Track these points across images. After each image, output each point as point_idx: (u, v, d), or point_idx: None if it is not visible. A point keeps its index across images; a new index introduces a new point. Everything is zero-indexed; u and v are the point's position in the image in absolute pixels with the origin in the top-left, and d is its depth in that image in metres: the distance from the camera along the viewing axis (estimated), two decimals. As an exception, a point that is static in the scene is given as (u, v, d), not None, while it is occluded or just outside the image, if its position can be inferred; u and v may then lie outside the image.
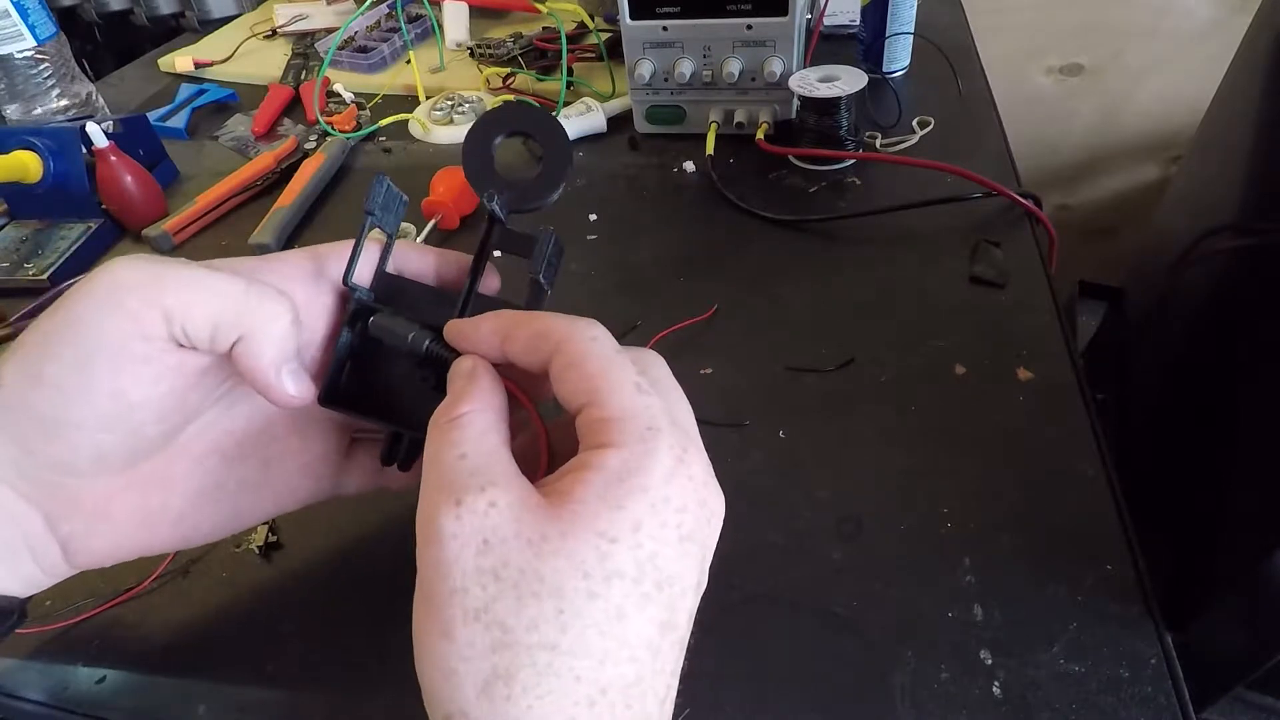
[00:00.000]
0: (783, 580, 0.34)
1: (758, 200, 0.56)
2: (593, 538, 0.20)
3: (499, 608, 0.20)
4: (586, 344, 0.23)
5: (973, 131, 0.63)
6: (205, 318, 0.25)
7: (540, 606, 0.20)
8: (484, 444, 0.23)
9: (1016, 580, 0.33)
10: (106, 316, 0.24)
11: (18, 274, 0.57)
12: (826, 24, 0.76)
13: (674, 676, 0.22)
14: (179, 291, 0.25)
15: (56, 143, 0.60)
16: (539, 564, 0.20)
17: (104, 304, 0.25)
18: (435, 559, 0.21)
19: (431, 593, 0.21)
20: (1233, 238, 0.69)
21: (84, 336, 0.24)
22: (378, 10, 0.89)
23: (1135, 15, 1.15)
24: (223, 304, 0.25)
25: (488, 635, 0.20)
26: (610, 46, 0.73)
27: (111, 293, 0.25)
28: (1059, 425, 0.39)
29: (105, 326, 0.24)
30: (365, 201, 0.29)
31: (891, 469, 0.38)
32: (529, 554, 0.20)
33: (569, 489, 0.21)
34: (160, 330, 0.25)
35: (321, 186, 0.64)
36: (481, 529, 0.21)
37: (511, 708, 0.19)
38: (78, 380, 0.24)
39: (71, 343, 0.24)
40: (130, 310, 0.24)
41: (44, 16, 0.72)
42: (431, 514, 0.21)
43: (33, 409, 0.24)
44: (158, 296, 0.25)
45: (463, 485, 0.21)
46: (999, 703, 0.29)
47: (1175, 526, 0.63)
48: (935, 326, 0.45)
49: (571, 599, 0.20)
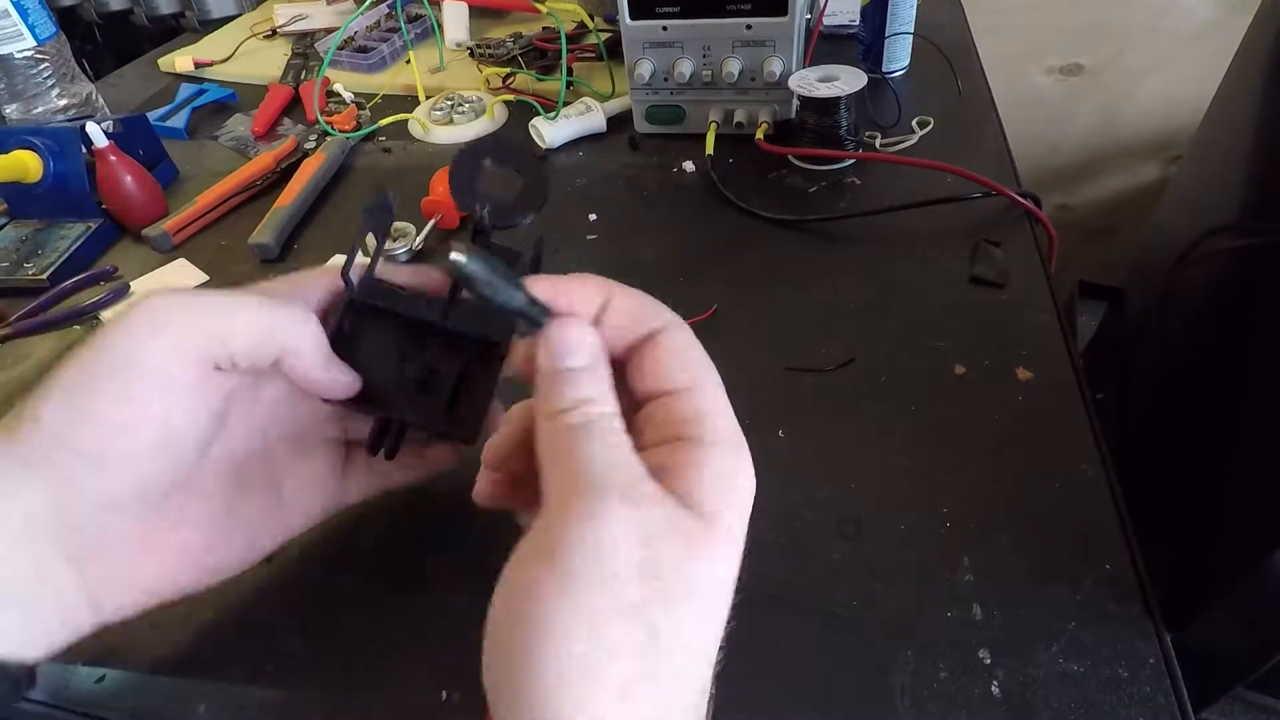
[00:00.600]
0: (783, 580, 0.34)
1: (758, 200, 0.56)
2: (726, 538, 0.21)
3: (652, 608, 0.19)
4: (691, 336, 0.24)
5: (972, 131, 0.63)
6: (248, 339, 0.26)
7: (687, 611, 0.20)
8: (626, 442, 0.22)
9: (1016, 580, 0.33)
10: (151, 346, 0.25)
11: (17, 274, 0.57)
12: (826, 24, 0.77)
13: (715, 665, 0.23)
14: (219, 317, 0.26)
15: (56, 143, 0.60)
16: (690, 564, 0.20)
17: (148, 335, 0.25)
18: (595, 543, 0.19)
19: (581, 579, 0.19)
20: (1233, 238, 0.69)
21: (129, 368, 0.25)
22: (378, 10, 0.89)
23: (1135, 15, 1.15)
24: (261, 324, 0.27)
25: (636, 634, 0.19)
26: (610, 46, 0.73)
27: (154, 323, 0.25)
28: (1059, 425, 0.39)
29: (150, 356, 0.25)
30: (367, 203, 0.31)
31: (891, 469, 0.38)
32: (682, 551, 0.20)
33: (691, 484, 0.21)
34: (205, 354, 0.26)
35: (321, 186, 0.64)
36: (645, 520, 0.20)
37: (646, 708, 0.19)
38: (124, 411, 0.25)
39: (117, 375, 0.25)
40: (175, 338, 0.25)
41: (44, 16, 0.72)
42: (591, 499, 0.20)
43: (78, 444, 0.24)
44: (201, 323, 0.26)
45: (624, 477, 0.21)
46: (998, 702, 0.29)
47: (1175, 526, 0.63)
48: (935, 326, 0.45)
49: (709, 605, 0.21)
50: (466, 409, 0.32)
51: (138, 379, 0.25)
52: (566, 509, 0.20)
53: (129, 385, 0.25)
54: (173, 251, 0.60)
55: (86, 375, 0.25)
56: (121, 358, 0.25)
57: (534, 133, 0.67)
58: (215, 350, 0.26)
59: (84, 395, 0.25)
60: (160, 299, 0.26)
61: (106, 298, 0.54)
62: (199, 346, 0.26)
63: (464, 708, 0.30)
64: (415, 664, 0.32)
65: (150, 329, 0.25)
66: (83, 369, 0.25)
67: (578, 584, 0.19)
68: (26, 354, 0.52)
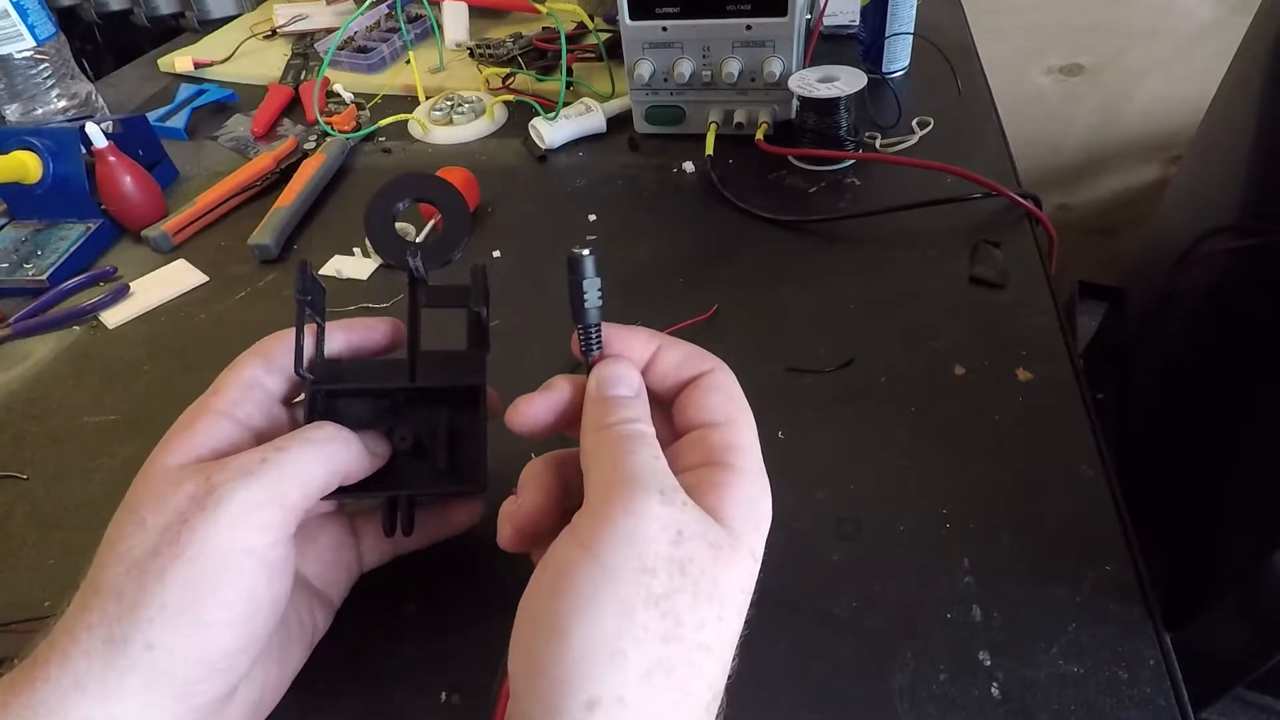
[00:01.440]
0: (782, 580, 0.34)
1: (758, 200, 0.56)
2: (747, 556, 0.23)
3: (678, 600, 0.21)
4: (732, 379, 0.27)
5: (972, 131, 0.63)
6: (320, 490, 0.27)
7: (710, 610, 0.21)
8: (664, 458, 0.24)
9: (1016, 581, 0.33)
10: (242, 544, 0.24)
11: (17, 274, 0.57)
12: (826, 24, 0.77)
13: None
14: (289, 487, 0.25)
15: (56, 143, 0.60)
16: (716, 569, 0.22)
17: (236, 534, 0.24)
18: (632, 534, 0.21)
19: (617, 566, 0.21)
20: (1233, 238, 0.69)
21: (229, 577, 0.24)
22: (377, 10, 0.89)
23: (1135, 15, 1.15)
24: (323, 471, 0.27)
25: (662, 624, 0.20)
26: (610, 47, 0.73)
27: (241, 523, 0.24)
28: (1059, 425, 0.39)
29: (245, 555, 0.24)
30: (296, 289, 0.29)
31: (891, 469, 0.38)
32: (710, 556, 0.22)
33: (723, 501, 0.23)
34: (293, 529, 0.26)
35: (321, 187, 0.64)
36: (679, 521, 0.22)
37: (665, 699, 0.20)
38: (235, 615, 0.24)
39: (224, 583, 0.24)
40: (267, 528, 0.25)
41: (44, 16, 0.72)
42: (631, 494, 0.22)
43: (195, 656, 0.24)
44: (284, 502, 0.25)
45: (661, 481, 0.23)
46: (998, 704, 0.29)
47: (1175, 526, 0.63)
48: (935, 326, 0.45)
49: (729, 610, 0.22)
50: (467, 460, 0.31)
51: (242, 587, 0.24)
52: (608, 502, 0.22)
53: (233, 596, 0.24)
54: (172, 252, 0.60)
55: (189, 591, 0.23)
56: (221, 565, 0.24)
57: (534, 133, 0.67)
58: (297, 522, 0.26)
59: (197, 608, 0.24)
60: (234, 497, 0.24)
61: (106, 298, 0.54)
62: (283, 525, 0.25)
63: (464, 709, 0.30)
64: (416, 666, 0.32)
65: (242, 527, 0.24)
66: (186, 584, 0.23)
67: (613, 570, 0.21)
68: (26, 354, 0.52)
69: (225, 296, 0.55)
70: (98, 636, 0.23)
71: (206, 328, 0.53)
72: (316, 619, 0.31)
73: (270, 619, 0.25)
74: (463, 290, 0.32)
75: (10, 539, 0.40)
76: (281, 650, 0.29)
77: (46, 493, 0.42)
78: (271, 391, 0.29)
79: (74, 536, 0.39)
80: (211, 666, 0.24)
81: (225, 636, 0.24)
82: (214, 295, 0.56)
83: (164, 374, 0.49)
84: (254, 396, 0.29)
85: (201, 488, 0.25)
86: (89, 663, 0.23)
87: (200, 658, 0.24)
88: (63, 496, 0.42)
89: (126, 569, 0.24)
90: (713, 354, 0.28)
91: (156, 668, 0.23)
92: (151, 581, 0.23)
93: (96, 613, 0.23)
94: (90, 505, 0.41)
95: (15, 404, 0.48)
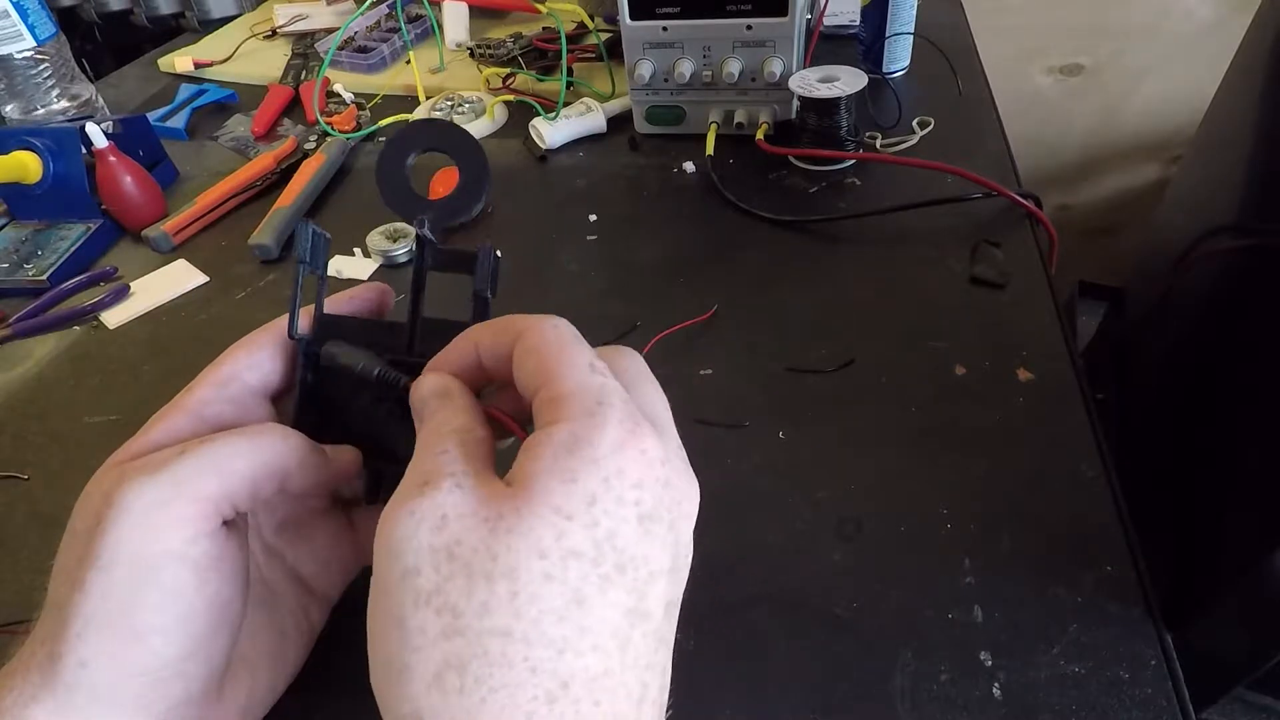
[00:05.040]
0: (783, 580, 0.34)
1: (758, 200, 0.56)
2: (549, 514, 0.19)
3: (451, 589, 0.19)
4: (547, 330, 0.23)
5: (973, 132, 0.63)
6: (245, 489, 0.24)
7: (493, 589, 0.19)
8: (459, 440, 0.22)
9: (1016, 581, 0.33)
10: (163, 543, 0.23)
11: (17, 274, 0.57)
12: (826, 24, 0.76)
13: (651, 672, 0.20)
14: (201, 481, 0.24)
15: (56, 143, 0.60)
16: (493, 542, 0.19)
17: (147, 535, 0.22)
18: (389, 540, 0.20)
19: (385, 581, 0.20)
20: (1233, 238, 0.69)
21: (149, 576, 0.22)
22: (378, 10, 0.89)
23: (1135, 15, 1.15)
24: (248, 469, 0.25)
25: (439, 620, 0.19)
26: (610, 47, 0.73)
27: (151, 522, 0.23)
28: (1059, 425, 0.39)
29: (161, 557, 0.22)
30: (295, 250, 0.28)
31: (891, 469, 0.38)
32: (484, 531, 0.19)
33: (520, 466, 0.21)
34: (215, 523, 0.24)
35: (321, 187, 0.64)
36: (442, 505, 0.20)
37: (464, 700, 0.18)
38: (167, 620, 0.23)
39: (142, 592, 0.22)
40: (178, 524, 0.23)
41: (44, 17, 0.72)
42: (391, 504, 0.21)
43: (133, 669, 0.22)
44: (194, 495, 0.23)
45: (431, 472, 0.21)
46: (999, 704, 0.29)
47: (1175, 526, 0.63)
48: (935, 326, 0.45)
49: (526, 581, 0.19)
50: None
51: (166, 589, 0.23)
52: (380, 524, 0.21)
53: (160, 600, 0.22)
54: (173, 252, 0.60)
55: (111, 600, 0.22)
56: (138, 569, 0.22)
57: (534, 133, 0.67)
58: (219, 516, 0.24)
59: (115, 624, 0.22)
60: (133, 490, 0.23)
61: (106, 299, 0.54)
62: (204, 518, 0.23)
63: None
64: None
65: (150, 527, 0.23)
66: (106, 593, 0.22)
67: (383, 585, 0.20)
68: (26, 354, 0.52)
69: (225, 296, 0.55)
70: (43, 651, 0.22)
71: (207, 328, 0.53)
72: (313, 618, 0.30)
73: (217, 620, 0.24)
74: (470, 258, 0.30)
75: (10, 539, 0.40)
76: (272, 652, 0.28)
77: (46, 493, 0.42)
78: (252, 386, 0.28)
79: (74, 537, 0.39)
80: (155, 676, 0.23)
81: (161, 644, 0.22)
82: (214, 295, 0.56)
83: (164, 374, 0.49)
84: (229, 393, 0.27)
85: (114, 487, 0.23)
86: (40, 677, 0.22)
87: (140, 669, 0.22)
88: (63, 496, 0.42)
89: (61, 580, 0.23)
90: (521, 316, 0.24)
91: (96, 684, 0.22)
92: (75, 592, 0.22)
93: (42, 626, 0.23)
94: (90, 505, 0.41)
95: (15, 404, 0.48)
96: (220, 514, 0.24)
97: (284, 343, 0.29)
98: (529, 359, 0.23)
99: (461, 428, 0.23)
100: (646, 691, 0.20)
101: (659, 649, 0.21)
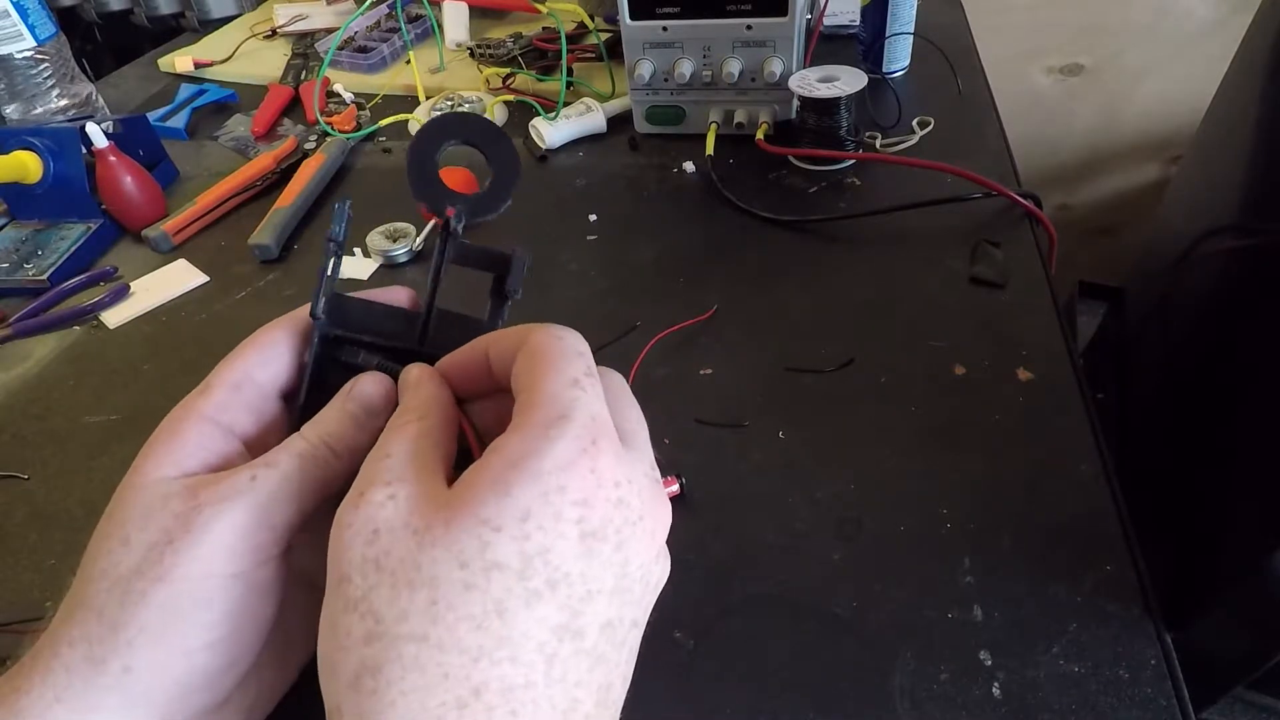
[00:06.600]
0: (783, 580, 0.34)
1: (758, 200, 0.56)
2: (475, 525, 0.20)
3: (375, 597, 0.20)
4: (547, 339, 0.23)
5: (972, 131, 0.63)
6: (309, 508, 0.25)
7: (413, 596, 0.19)
8: (410, 446, 0.23)
9: (1016, 581, 0.33)
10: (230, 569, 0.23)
11: (17, 274, 0.57)
12: (826, 24, 0.77)
13: (584, 689, 0.20)
14: (279, 510, 0.24)
15: (56, 143, 0.60)
16: (419, 553, 0.20)
17: (224, 559, 0.23)
18: (331, 548, 0.21)
19: (328, 584, 0.21)
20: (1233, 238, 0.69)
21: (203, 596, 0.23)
22: (378, 10, 0.89)
23: (1135, 15, 1.15)
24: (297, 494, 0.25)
25: (362, 625, 0.20)
26: (610, 46, 0.73)
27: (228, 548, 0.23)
28: (1059, 425, 0.39)
29: (231, 579, 0.23)
30: (331, 230, 0.28)
31: (891, 469, 0.38)
32: (411, 543, 0.20)
33: (467, 473, 0.21)
34: (283, 548, 0.25)
35: (321, 187, 0.64)
36: (374, 519, 0.21)
37: (376, 702, 0.19)
38: (218, 637, 0.23)
39: (208, 607, 0.23)
40: (254, 550, 0.24)
41: (44, 16, 0.72)
42: (341, 508, 0.22)
43: (175, 679, 0.23)
44: (273, 524, 0.24)
45: (369, 481, 0.22)
46: (999, 704, 0.29)
47: (1175, 526, 0.63)
48: (935, 326, 0.45)
49: (445, 590, 0.19)
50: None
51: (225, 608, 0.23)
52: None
53: (215, 618, 0.23)
54: (173, 252, 0.60)
55: (170, 613, 0.23)
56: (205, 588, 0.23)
57: (534, 133, 0.67)
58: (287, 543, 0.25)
59: (169, 637, 0.23)
60: (221, 513, 0.23)
61: (106, 298, 0.54)
62: (272, 544, 0.24)
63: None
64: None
65: (230, 552, 0.23)
66: (166, 606, 0.23)
67: (328, 589, 0.21)
68: (26, 354, 0.52)
69: (225, 296, 0.55)
70: (79, 653, 0.23)
71: (207, 328, 0.53)
72: (315, 619, 0.30)
73: (258, 636, 0.25)
74: (497, 257, 0.30)
75: (10, 539, 0.40)
76: (279, 654, 0.28)
77: (46, 493, 0.42)
78: (263, 386, 0.28)
79: (74, 536, 0.39)
80: (189, 686, 0.23)
81: (207, 659, 0.23)
82: (214, 295, 0.56)
83: (164, 374, 0.49)
84: (243, 397, 0.28)
85: (189, 506, 0.23)
86: (69, 678, 0.22)
87: (180, 680, 0.23)
88: (63, 496, 0.42)
89: (109, 586, 0.23)
90: (532, 325, 0.24)
91: (134, 690, 0.22)
92: (133, 602, 0.23)
93: (78, 628, 0.23)
94: (90, 505, 0.41)
95: (15, 404, 0.48)
96: (289, 540, 0.25)
97: (296, 337, 0.29)
98: (523, 364, 0.23)
99: (418, 432, 0.23)
100: (577, 707, 0.20)
101: (595, 668, 0.21)
